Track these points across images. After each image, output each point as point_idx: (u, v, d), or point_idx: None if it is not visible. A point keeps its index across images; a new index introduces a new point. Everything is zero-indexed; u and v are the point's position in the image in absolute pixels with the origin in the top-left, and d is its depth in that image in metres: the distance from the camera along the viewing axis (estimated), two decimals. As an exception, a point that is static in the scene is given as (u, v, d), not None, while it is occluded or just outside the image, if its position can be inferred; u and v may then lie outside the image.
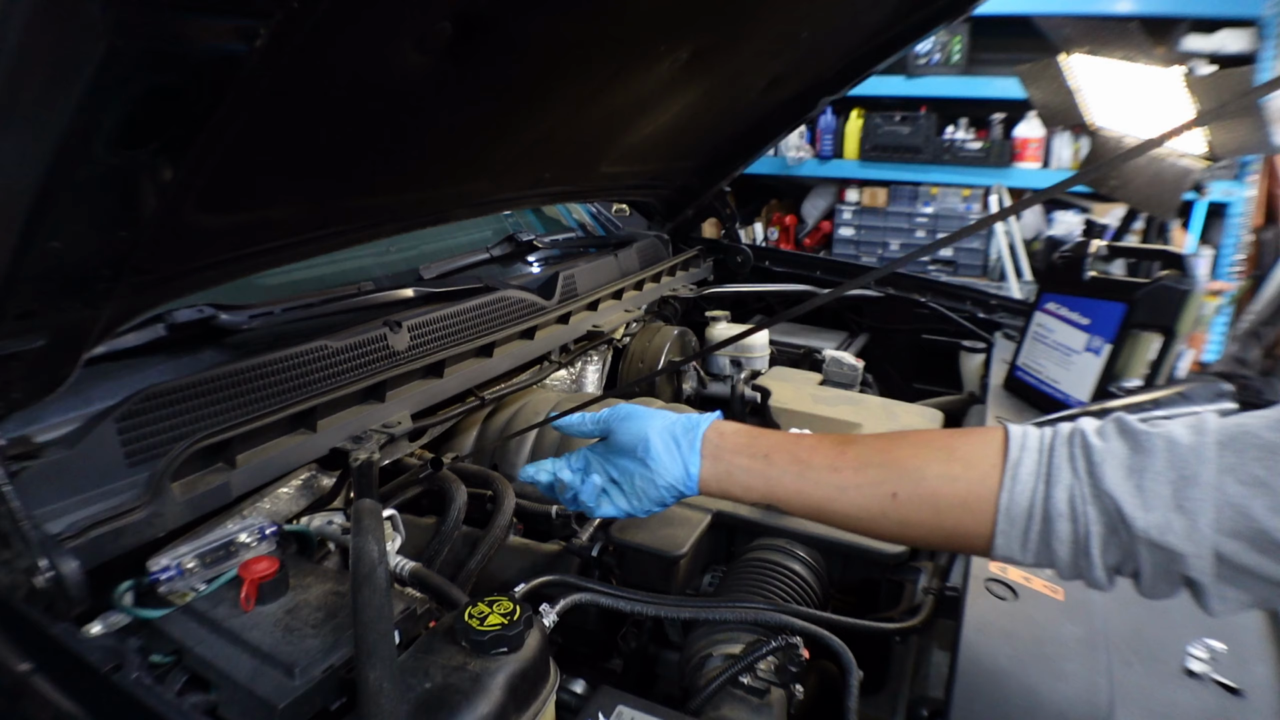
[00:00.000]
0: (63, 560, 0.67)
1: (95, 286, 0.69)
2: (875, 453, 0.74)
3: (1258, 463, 0.57)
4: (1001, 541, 0.68)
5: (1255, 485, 0.57)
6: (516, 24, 0.87)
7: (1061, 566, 0.67)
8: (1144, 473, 0.62)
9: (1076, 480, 0.64)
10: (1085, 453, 0.65)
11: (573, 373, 1.67)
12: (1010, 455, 0.68)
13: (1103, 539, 0.64)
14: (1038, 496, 0.66)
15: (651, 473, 0.78)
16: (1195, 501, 0.59)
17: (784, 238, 4.78)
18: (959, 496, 0.70)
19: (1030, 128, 4.05)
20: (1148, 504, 0.61)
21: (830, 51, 1.59)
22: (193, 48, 0.54)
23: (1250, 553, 0.58)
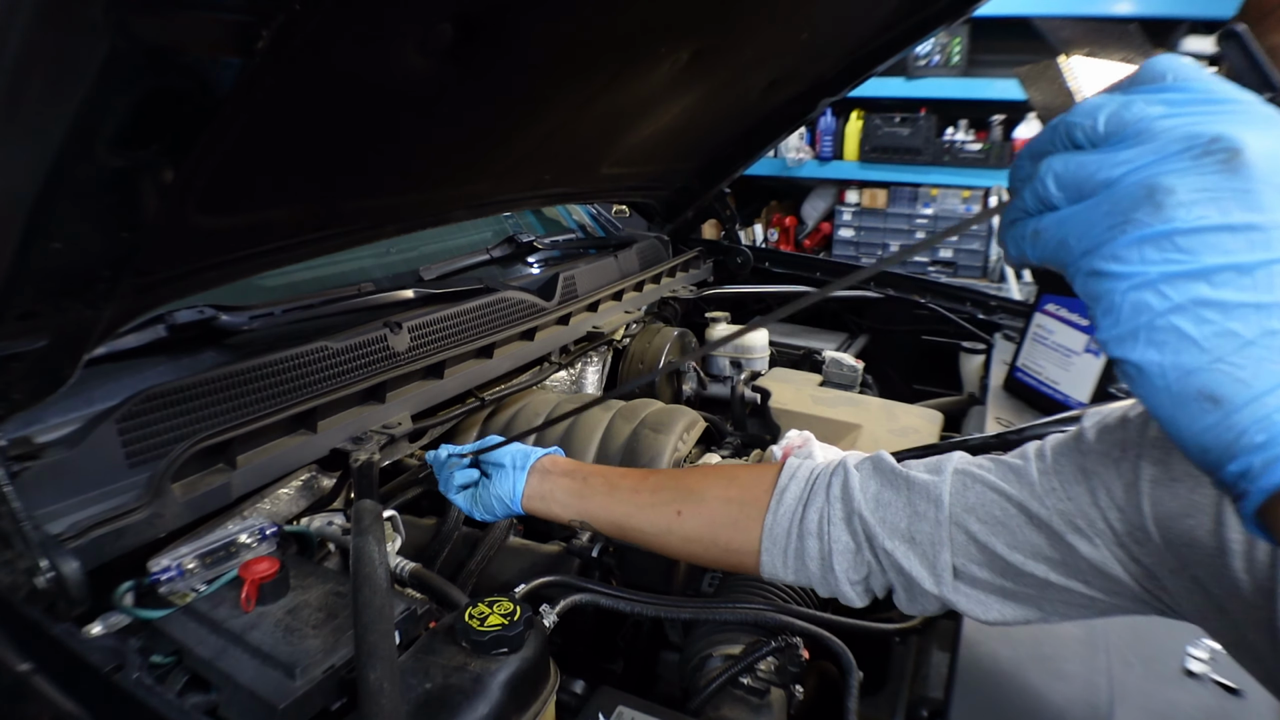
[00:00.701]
0: (63, 561, 0.67)
1: (96, 287, 0.69)
2: (672, 479, 0.86)
3: (996, 505, 0.65)
4: (766, 559, 0.77)
5: (995, 524, 0.65)
6: (517, 26, 0.87)
7: (815, 582, 0.76)
8: (888, 506, 0.71)
9: (828, 504, 0.74)
10: (844, 480, 0.74)
11: (573, 374, 1.67)
12: (780, 483, 0.78)
13: (849, 557, 0.73)
14: (795, 518, 0.76)
15: (489, 484, 0.93)
16: (923, 535, 0.68)
17: (784, 239, 4.79)
18: (731, 516, 0.80)
19: (1030, 129, 4.06)
20: (889, 533, 0.70)
21: (830, 53, 1.59)
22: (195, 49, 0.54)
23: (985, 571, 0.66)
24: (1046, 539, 0.63)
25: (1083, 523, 0.61)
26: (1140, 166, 0.32)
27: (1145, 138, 0.33)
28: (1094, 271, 0.34)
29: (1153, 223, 0.32)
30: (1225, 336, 0.31)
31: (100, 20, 0.47)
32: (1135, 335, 0.33)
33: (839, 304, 2.05)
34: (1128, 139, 0.33)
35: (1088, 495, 0.61)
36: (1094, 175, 0.34)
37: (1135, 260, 0.32)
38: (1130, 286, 0.32)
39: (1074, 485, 0.62)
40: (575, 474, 0.92)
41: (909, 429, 1.40)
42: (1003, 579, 0.66)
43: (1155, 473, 0.57)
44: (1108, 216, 0.33)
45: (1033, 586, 0.65)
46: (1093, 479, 0.61)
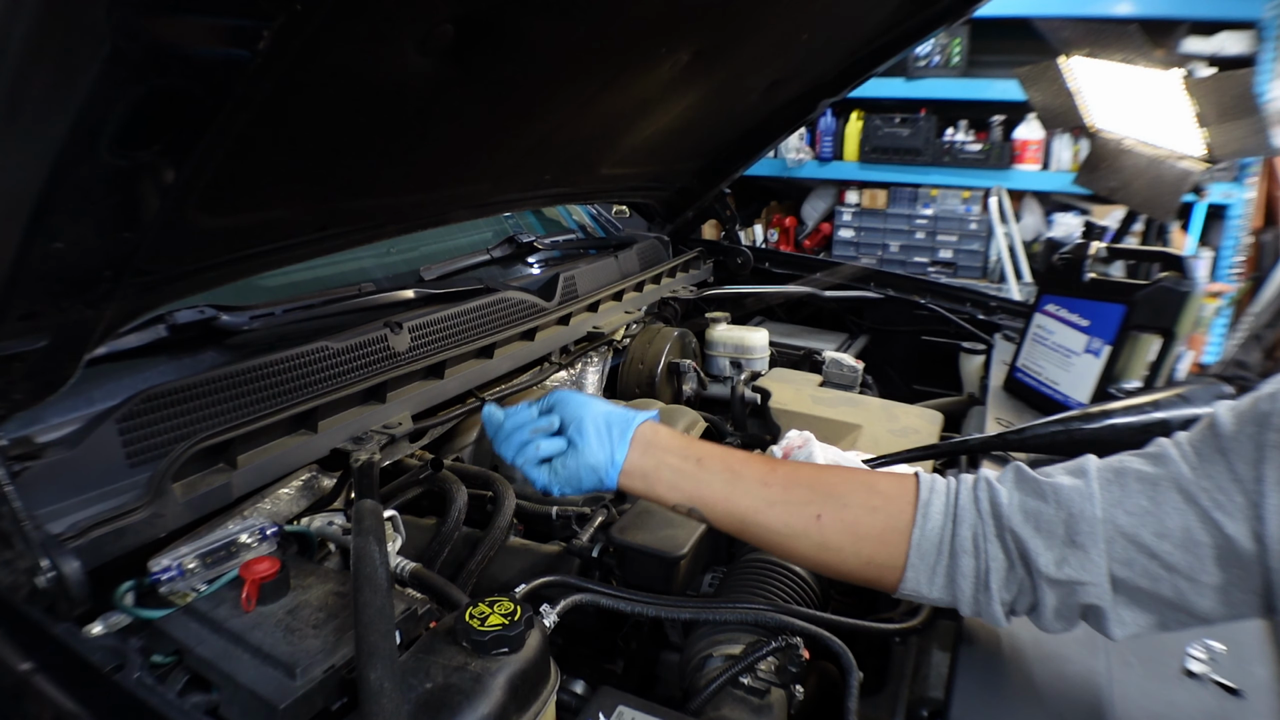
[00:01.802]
0: (64, 560, 0.67)
1: (97, 287, 0.69)
2: (804, 475, 0.79)
3: (1141, 495, 0.64)
4: (911, 575, 0.73)
5: (1142, 514, 0.64)
6: (518, 26, 0.87)
7: (963, 601, 0.72)
8: (1039, 515, 0.68)
9: (980, 520, 0.70)
10: (990, 495, 0.71)
11: (573, 374, 1.67)
12: (921, 495, 0.74)
13: (1002, 575, 0.70)
14: (945, 534, 0.72)
15: (578, 453, 0.79)
16: (1084, 535, 0.66)
17: (784, 239, 4.78)
18: (877, 528, 0.74)
19: (1030, 130, 4.06)
20: (1047, 543, 0.67)
21: (830, 54, 1.59)
22: (196, 50, 0.54)
23: (1143, 576, 0.64)
24: (1195, 518, 0.63)
25: (1224, 498, 0.62)
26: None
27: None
28: None
29: None
30: None
31: (102, 21, 0.47)
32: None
33: (839, 305, 2.05)
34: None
35: (1227, 471, 0.62)
36: None
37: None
38: None
39: (1213, 464, 0.63)
40: (686, 452, 0.80)
41: (909, 429, 1.40)
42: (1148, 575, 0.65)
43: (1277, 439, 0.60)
44: None
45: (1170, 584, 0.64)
46: (1231, 455, 0.62)
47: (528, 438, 0.81)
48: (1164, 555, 0.63)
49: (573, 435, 0.80)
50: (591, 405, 0.81)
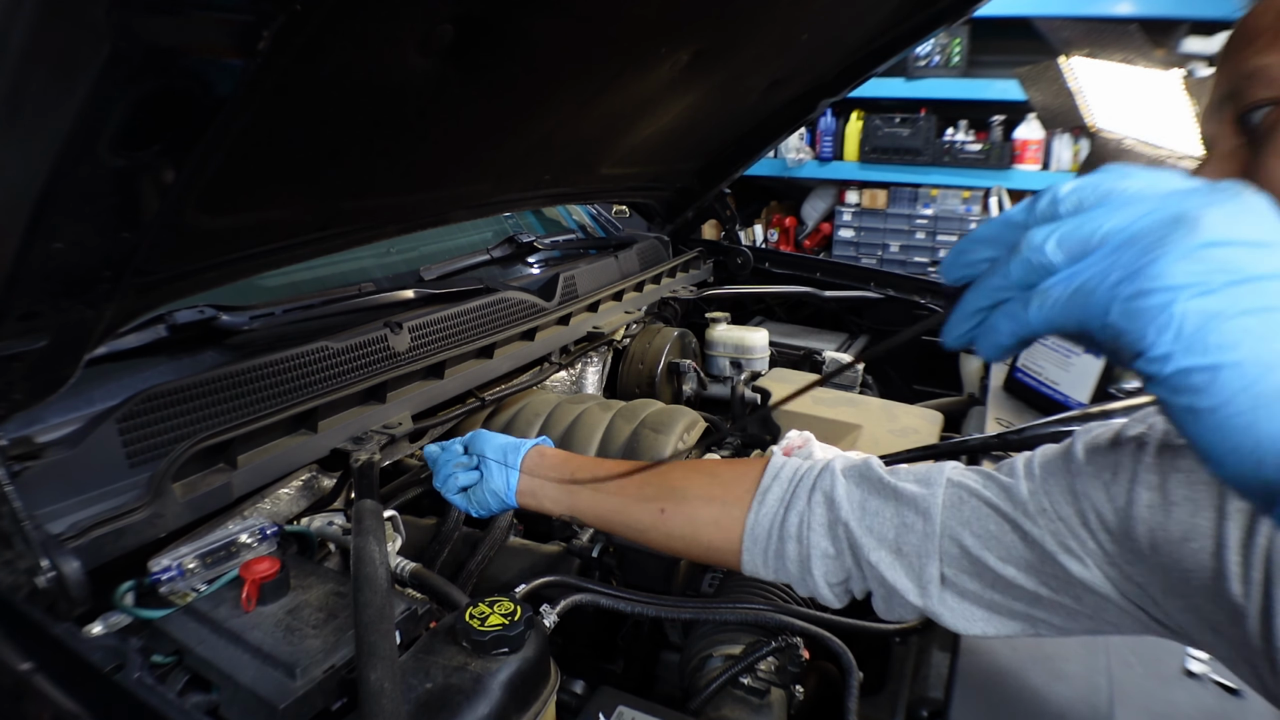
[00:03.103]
0: (64, 560, 0.67)
1: (97, 287, 0.69)
2: (656, 475, 0.86)
3: (989, 520, 0.66)
4: (747, 558, 0.78)
5: (988, 538, 0.66)
6: (518, 26, 0.87)
7: (794, 581, 0.77)
8: (876, 515, 0.71)
9: (809, 509, 0.74)
10: (829, 489, 0.74)
11: (573, 374, 1.67)
12: (763, 483, 0.78)
13: (827, 561, 0.74)
14: (776, 519, 0.77)
15: (485, 482, 0.92)
16: (911, 547, 0.69)
17: (784, 239, 4.78)
18: (713, 515, 0.80)
19: (1030, 130, 4.05)
20: (877, 543, 0.70)
21: (830, 54, 1.59)
22: (196, 50, 0.54)
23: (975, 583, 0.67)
24: (1038, 556, 0.63)
25: (1074, 543, 0.62)
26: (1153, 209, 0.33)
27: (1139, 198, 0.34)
28: (1138, 294, 0.33)
29: (1190, 239, 0.32)
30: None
31: (102, 21, 0.47)
32: (1204, 342, 0.32)
33: (839, 305, 2.05)
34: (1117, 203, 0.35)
35: (1077, 517, 0.62)
36: (1099, 228, 0.34)
37: (1185, 274, 0.32)
38: (1193, 295, 0.32)
39: (1064, 506, 0.63)
40: (563, 468, 0.92)
41: (909, 429, 1.40)
42: (993, 591, 0.66)
43: (1151, 498, 0.58)
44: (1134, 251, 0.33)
45: (1023, 600, 0.65)
46: (1082, 500, 0.62)
47: (450, 472, 0.95)
48: (1009, 578, 0.65)
49: (481, 468, 0.94)
50: (492, 442, 0.94)
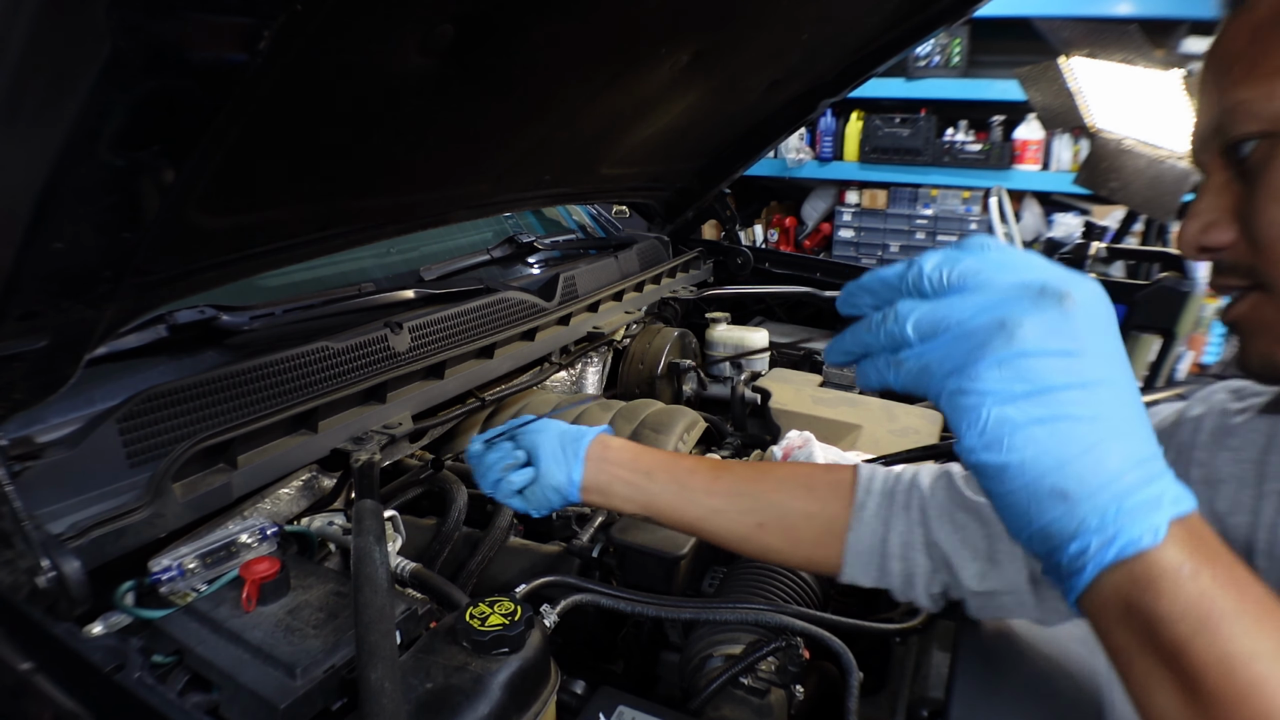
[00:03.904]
0: (64, 560, 0.67)
1: (97, 287, 0.69)
2: (747, 482, 0.82)
3: None
4: (848, 572, 0.78)
5: None
6: (518, 26, 0.87)
7: (895, 592, 0.78)
8: (964, 529, 0.72)
9: (909, 527, 0.75)
10: (921, 507, 0.75)
11: (573, 374, 1.67)
12: (857, 498, 0.78)
13: (927, 575, 0.75)
14: (876, 539, 0.76)
15: (542, 478, 0.84)
16: (1003, 554, 0.70)
17: (784, 239, 4.79)
18: (815, 533, 0.79)
19: (1030, 130, 4.06)
20: (971, 556, 0.71)
21: (830, 54, 1.59)
22: (196, 50, 0.54)
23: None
24: None
25: None
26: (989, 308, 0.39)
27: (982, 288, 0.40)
28: (958, 391, 0.40)
29: (1007, 349, 0.38)
30: (1072, 444, 0.37)
31: (102, 21, 0.47)
32: (999, 443, 0.38)
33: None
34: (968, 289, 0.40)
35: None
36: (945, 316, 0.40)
37: (996, 382, 0.38)
38: (994, 402, 0.38)
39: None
40: (636, 465, 0.84)
41: (909, 429, 1.40)
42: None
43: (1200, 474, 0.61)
44: (966, 347, 0.39)
45: None
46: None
47: (500, 475, 0.85)
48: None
49: (537, 461, 0.85)
50: (547, 430, 0.86)
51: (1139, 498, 0.37)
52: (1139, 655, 0.38)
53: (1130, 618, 0.37)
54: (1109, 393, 0.38)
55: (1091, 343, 0.39)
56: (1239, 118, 0.49)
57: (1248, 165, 0.50)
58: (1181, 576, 0.35)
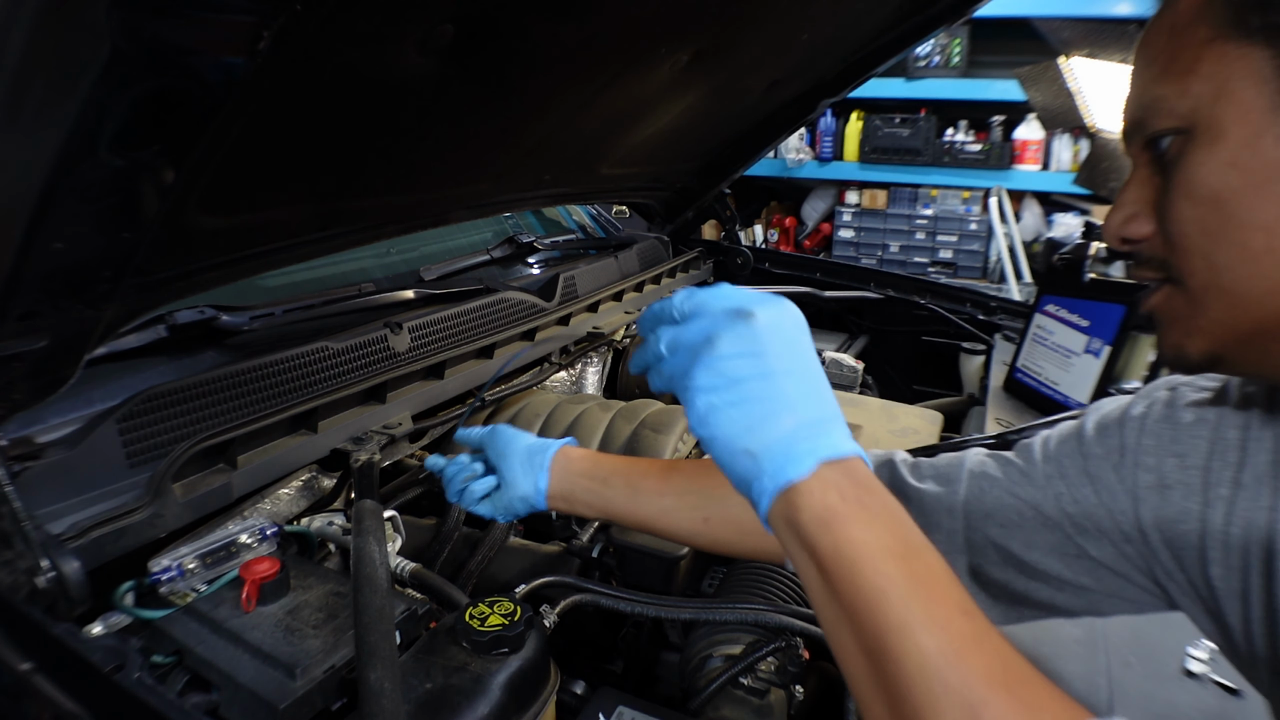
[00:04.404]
0: (64, 561, 0.67)
1: (97, 287, 0.69)
2: (694, 480, 0.85)
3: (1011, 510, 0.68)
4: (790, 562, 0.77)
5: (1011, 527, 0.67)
6: (518, 26, 0.87)
7: None
8: None
9: None
10: None
11: (573, 374, 1.67)
12: None
13: None
14: None
15: (508, 487, 0.89)
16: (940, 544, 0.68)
17: (784, 240, 4.79)
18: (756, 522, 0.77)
19: (1030, 130, 4.06)
20: None
21: (830, 54, 1.59)
22: (196, 50, 0.54)
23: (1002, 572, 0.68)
24: (1058, 539, 0.65)
25: (1089, 524, 0.63)
26: (702, 328, 0.53)
27: (702, 313, 0.54)
28: (685, 388, 0.53)
29: (710, 355, 0.51)
30: (754, 416, 0.50)
31: (102, 21, 0.47)
32: (706, 422, 0.51)
33: (839, 305, 2.05)
34: (696, 316, 0.54)
35: (1093, 496, 0.63)
36: (680, 337, 0.54)
37: (704, 380, 0.51)
38: (702, 393, 0.51)
39: (1079, 487, 0.64)
40: (594, 473, 0.89)
41: (909, 429, 1.40)
42: (1021, 578, 0.67)
43: (1150, 480, 0.60)
44: (689, 357, 0.53)
45: (1048, 585, 0.66)
46: (1096, 482, 0.63)
47: (461, 486, 0.91)
48: (1033, 561, 0.66)
49: (502, 472, 0.90)
50: (514, 443, 0.91)
51: (799, 449, 0.48)
52: (796, 555, 0.49)
53: (788, 527, 0.49)
54: (784, 380, 0.51)
55: (771, 344, 0.51)
56: (1156, 113, 0.51)
57: (1165, 160, 0.51)
58: (814, 495, 0.48)
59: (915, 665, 0.41)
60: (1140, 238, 0.54)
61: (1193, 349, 0.53)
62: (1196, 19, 0.48)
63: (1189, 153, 0.49)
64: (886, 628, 0.43)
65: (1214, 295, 0.50)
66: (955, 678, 0.41)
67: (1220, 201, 0.48)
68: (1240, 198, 0.47)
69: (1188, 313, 0.52)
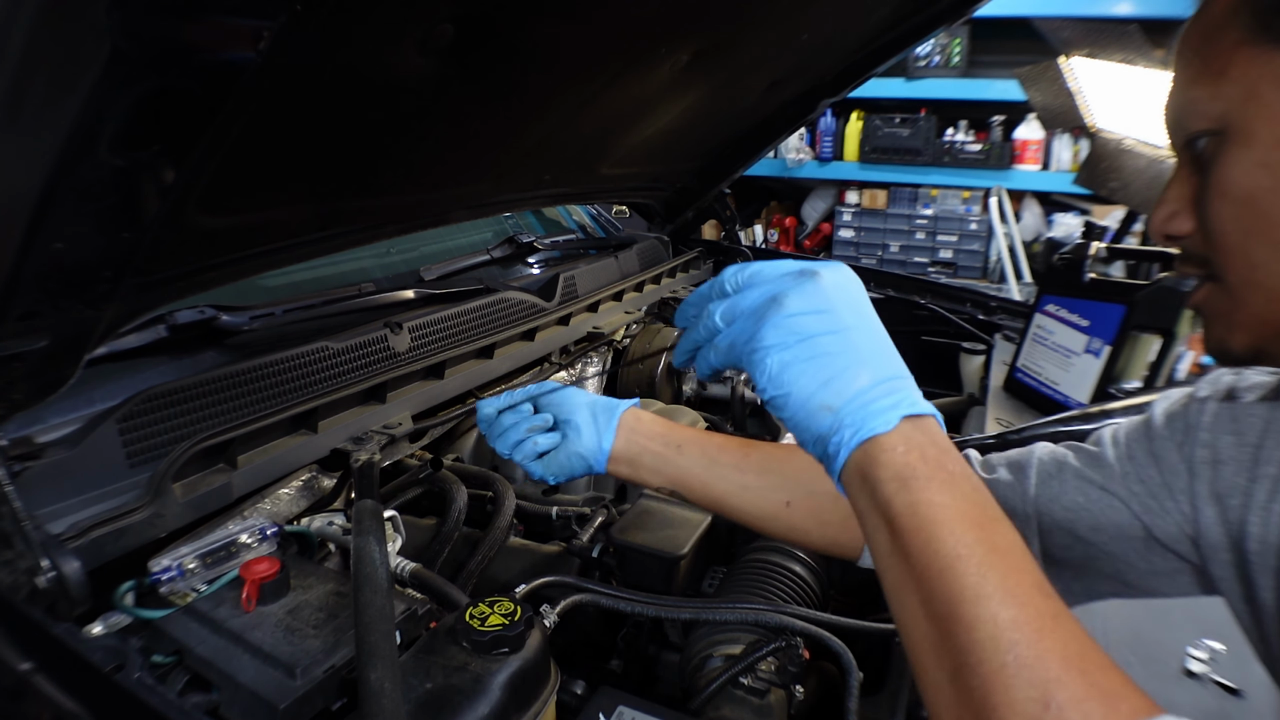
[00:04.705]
0: (64, 560, 0.67)
1: (97, 287, 0.69)
2: (776, 460, 0.83)
3: (1078, 492, 0.69)
4: (867, 556, 0.80)
5: (1078, 510, 0.68)
6: (518, 26, 0.87)
7: None
8: None
9: None
10: None
11: (573, 374, 1.67)
12: None
13: None
14: None
15: (569, 443, 0.84)
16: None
17: (784, 239, 4.79)
18: (840, 515, 0.80)
19: (1030, 130, 4.06)
20: None
21: (830, 54, 1.59)
22: (196, 50, 0.54)
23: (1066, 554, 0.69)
24: (1125, 520, 0.66)
25: (1155, 505, 0.65)
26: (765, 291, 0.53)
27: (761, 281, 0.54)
28: (752, 350, 0.53)
29: (778, 314, 0.52)
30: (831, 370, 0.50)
31: (102, 21, 0.47)
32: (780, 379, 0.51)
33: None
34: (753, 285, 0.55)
35: (1159, 477, 0.65)
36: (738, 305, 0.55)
37: (773, 338, 0.51)
38: (774, 352, 0.51)
39: (1147, 469, 0.66)
40: (667, 438, 0.85)
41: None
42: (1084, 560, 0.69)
43: (1205, 455, 0.62)
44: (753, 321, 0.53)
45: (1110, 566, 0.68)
46: (1160, 462, 0.65)
47: (523, 436, 0.85)
48: (1100, 545, 0.67)
49: (564, 427, 0.85)
50: (578, 396, 0.87)
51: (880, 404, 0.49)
52: (868, 512, 0.49)
53: (864, 483, 0.49)
54: (856, 335, 0.51)
55: (839, 301, 0.52)
56: (1191, 115, 0.53)
57: (1202, 159, 0.52)
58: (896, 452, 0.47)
59: (988, 635, 0.40)
60: (1181, 234, 0.56)
61: (1235, 343, 0.55)
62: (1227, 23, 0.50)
63: (1223, 153, 0.50)
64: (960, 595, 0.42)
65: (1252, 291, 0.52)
66: (1030, 653, 0.39)
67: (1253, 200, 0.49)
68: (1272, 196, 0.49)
69: (1228, 308, 0.54)
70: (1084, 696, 0.38)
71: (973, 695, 0.40)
